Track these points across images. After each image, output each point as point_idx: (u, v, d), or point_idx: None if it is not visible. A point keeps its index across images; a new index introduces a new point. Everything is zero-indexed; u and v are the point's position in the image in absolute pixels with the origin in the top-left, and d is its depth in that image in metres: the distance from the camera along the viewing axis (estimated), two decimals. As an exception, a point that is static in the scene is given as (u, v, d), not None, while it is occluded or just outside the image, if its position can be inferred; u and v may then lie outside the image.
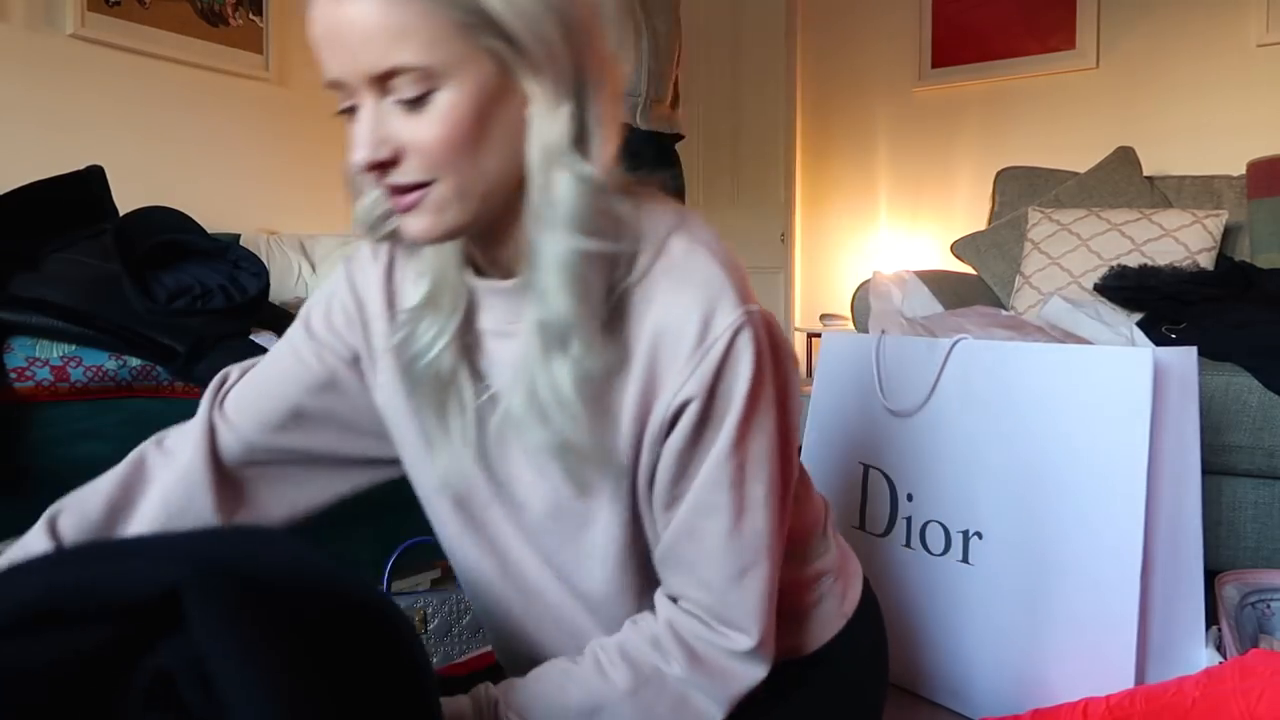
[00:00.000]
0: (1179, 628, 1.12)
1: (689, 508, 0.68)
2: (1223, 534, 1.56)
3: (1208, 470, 1.42)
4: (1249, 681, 0.90)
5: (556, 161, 0.60)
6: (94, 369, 1.38)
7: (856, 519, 1.38)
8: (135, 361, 1.40)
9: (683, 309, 0.64)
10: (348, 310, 0.77)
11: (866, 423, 1.39)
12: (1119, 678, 1.06)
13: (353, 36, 0.56)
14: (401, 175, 0.60)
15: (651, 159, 1.98)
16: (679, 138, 2.08)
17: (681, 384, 0.64)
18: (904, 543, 1.31)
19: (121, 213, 1.61)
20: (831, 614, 0.83)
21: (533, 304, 0.63)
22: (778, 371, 0.68)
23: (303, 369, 0.78)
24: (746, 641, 0.68)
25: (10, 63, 2.05)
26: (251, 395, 0.80)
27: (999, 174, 2.58)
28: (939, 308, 1.42)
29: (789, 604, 0.78)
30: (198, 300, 1.44)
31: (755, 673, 0.70)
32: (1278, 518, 1.53)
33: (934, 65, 3.32)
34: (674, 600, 0.70)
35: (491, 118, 0.59)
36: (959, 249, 2.45)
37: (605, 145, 0.62)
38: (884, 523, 1.34)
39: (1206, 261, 2.01)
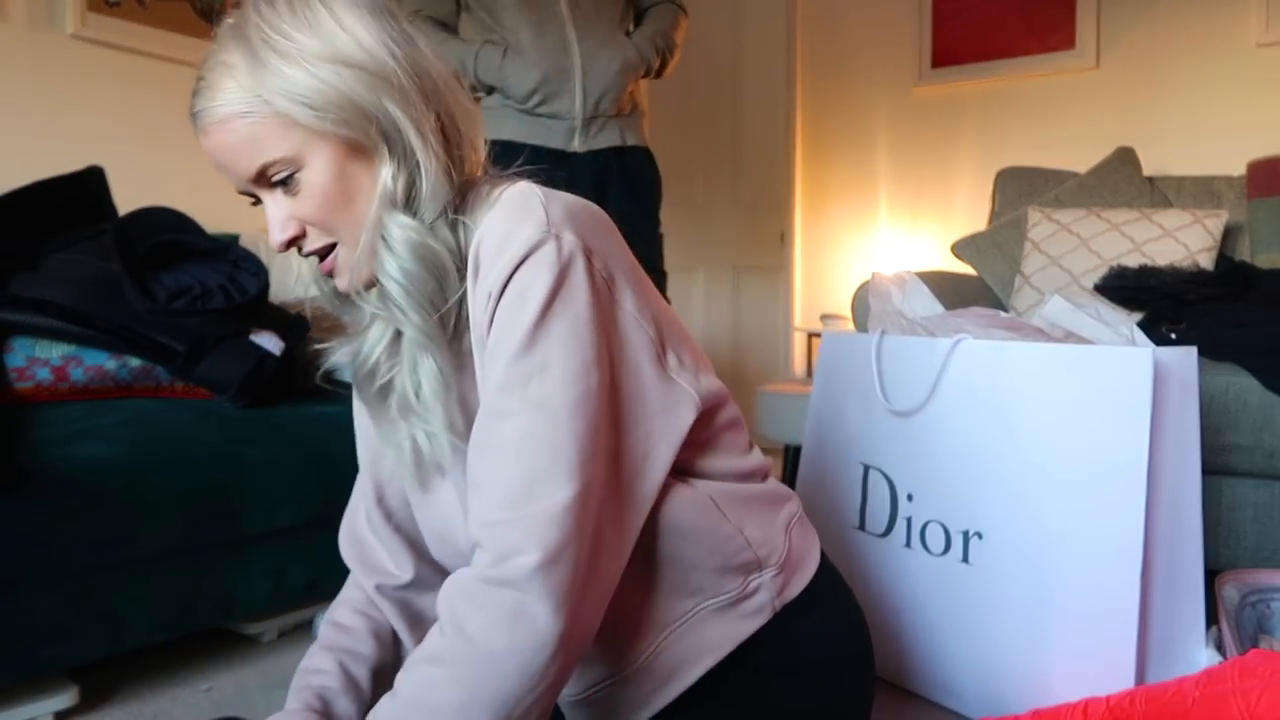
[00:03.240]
0: (1179, 628, 1.12)
1: (484, 414, 0.68)
2: (1223, 534, 1.56)
3: (1208, 470, 1.42)
4: (1249, 681, 0.90)
5: (386, 210, 0.72)
6: (94, 369, 1.38)
7: (856, 519, 1.38)
8: (135, 361, 1.40)
9: (492, 229, 0.70)
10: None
11: (866, 423, 1.38)
12: (1119, 678, 1.06)
13: (226, 156, 0.72)
14: (310, 243, 0.75)
15: (622, 176, 1.93)
16: (642, 149, 2.01)
17: (486, 289, 0.69)
18: (904, 543, 1.31)
19: (121, 213, 1.61)
20: (763, 606, 0.80)
21: (398, 323, 0.75)
22: (593, 305, 0.69)
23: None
24: (524, 562, 0.62)
25: (10, 63, 2.05)
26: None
27: (999, 174, 2.58)
28: (939, 308, 1.42)
29: (712, 583, 0.77)
30: (198, 300, 1.44)
31: (539, 628, 0.62)
32: (1278, 518, 1.53)
33: (934, 65, 3.32)
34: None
35: (351, 179, 0.72)
36: (959, 249, 2.45)
37: (435, 187, 0.73)
38: (884, 523, 1.34)
39: (1206, 261, 2.01)
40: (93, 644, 1.24)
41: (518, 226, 0.68)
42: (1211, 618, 1.18)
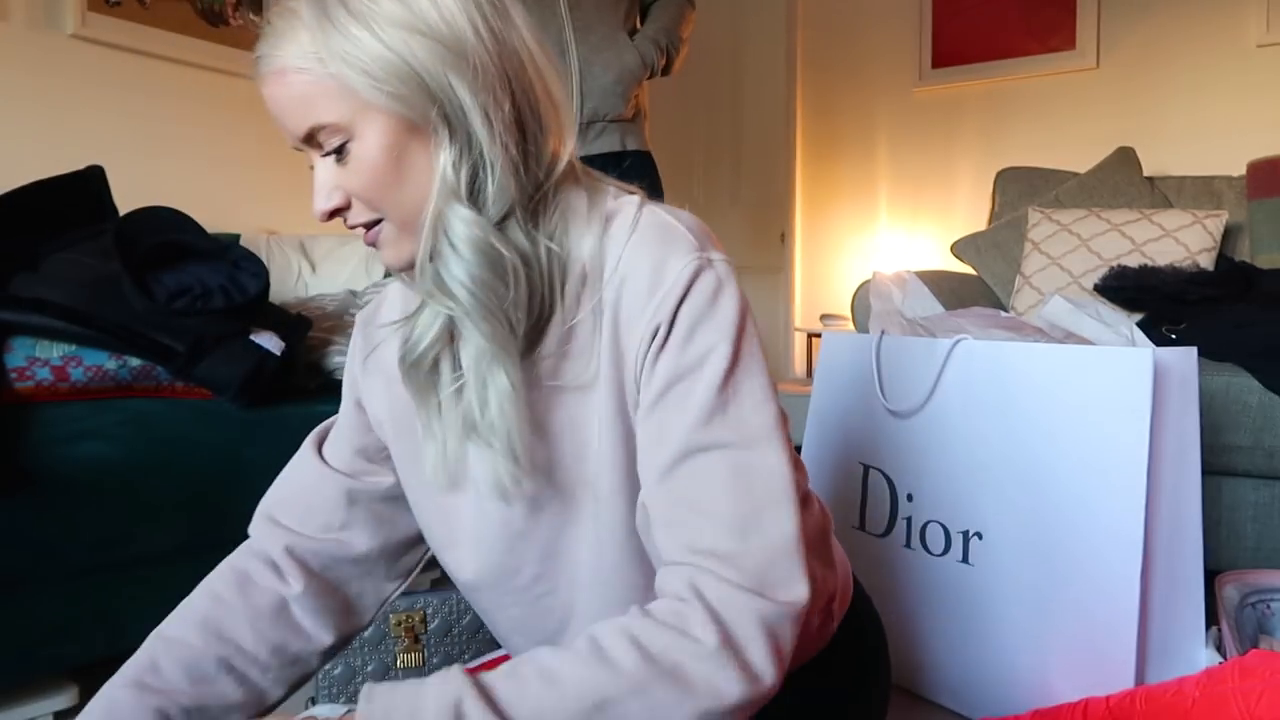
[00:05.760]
0: (1179, 628, 1.12)
1: (685, 450, 0.63)
2: (1223, 534, 1.56)
3: (1208, 470, 1.42)
4: (1249, 681, 0.90)
5: (448, 201, 0.65)
6: (94, 369, 1.37)
7: (856, 519, 1.38)
8: (135, 361, 1.40)
9: (636, 264, 0.66)
10: (357, 349, 0.87)
11: (866, 423, 1.39)
12: (1119, 678, 1.06)
13: (279, 109, 0.67)
14: (354, 217, 0.69)
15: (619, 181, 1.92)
16: (641, 154, 1.99)
17: (647, 323, 0.65)
18: (904, 543, 1.31)
19: (121, 213, 1.61)
20: (825, 635, 0.82)
21: (465, 328, 0.68)
22: (752, 323, 0.67)
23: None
24: (799, 593, 0.60)
25: (10, 63, 2.05)
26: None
27: (999, 174, 2.58)
28: (939, 308, 1.42)
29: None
30: (198, 300, 1.44)
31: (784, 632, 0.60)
32: (1278, 518, 1.53)
33: (934, 65, 3.32)
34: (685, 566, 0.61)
35: (405, 158, 0.66)
36: (959, 249, 2.45)
37: (501, 184, 0.66)
38: (884, 523, 1.33)
39: (1207, 262, 2.01)
40: (93, 644, 1.24)
41: (667, 256, 0.65)
42: (1211, 618, 1.18)
